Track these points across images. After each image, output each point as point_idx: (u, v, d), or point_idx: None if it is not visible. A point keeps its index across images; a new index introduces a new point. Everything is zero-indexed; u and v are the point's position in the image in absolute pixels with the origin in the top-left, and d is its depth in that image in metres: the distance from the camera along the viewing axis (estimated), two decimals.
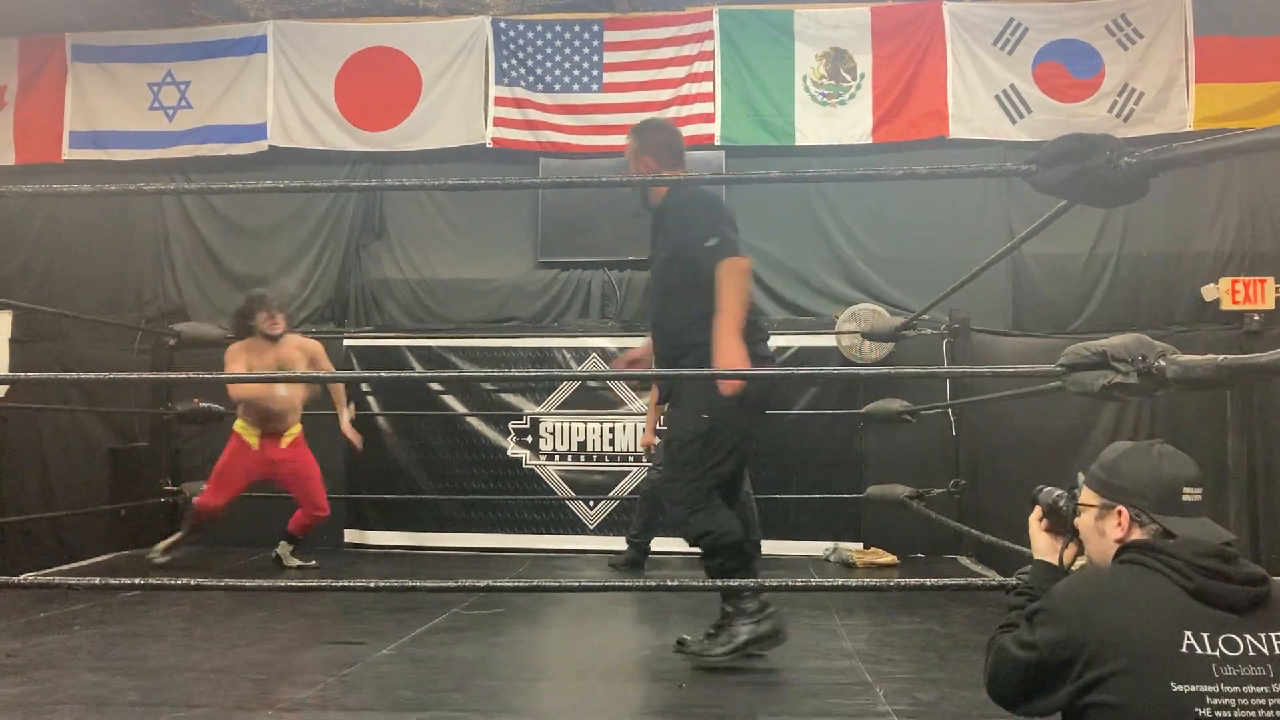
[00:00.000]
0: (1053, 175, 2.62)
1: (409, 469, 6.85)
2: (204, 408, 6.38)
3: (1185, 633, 1.69)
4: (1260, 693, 1.67)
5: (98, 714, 2.89)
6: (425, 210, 7.33)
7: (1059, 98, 6.82)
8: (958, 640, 4.01)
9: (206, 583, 3.12)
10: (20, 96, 7.50)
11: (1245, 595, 1.72)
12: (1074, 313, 6.80)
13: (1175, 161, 2.52)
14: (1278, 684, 1.67)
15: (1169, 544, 1.79)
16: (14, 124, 7.49)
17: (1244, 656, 1.68)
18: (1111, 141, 2.55)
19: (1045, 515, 2.17)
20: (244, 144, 7.28)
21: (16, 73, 7.51)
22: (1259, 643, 1.69)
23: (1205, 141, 2.52)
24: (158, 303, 7.36)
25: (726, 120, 7.00)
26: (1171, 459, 1.93)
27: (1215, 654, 1.67)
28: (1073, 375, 2.66)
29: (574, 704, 3.37)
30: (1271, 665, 1.68)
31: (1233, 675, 1.67)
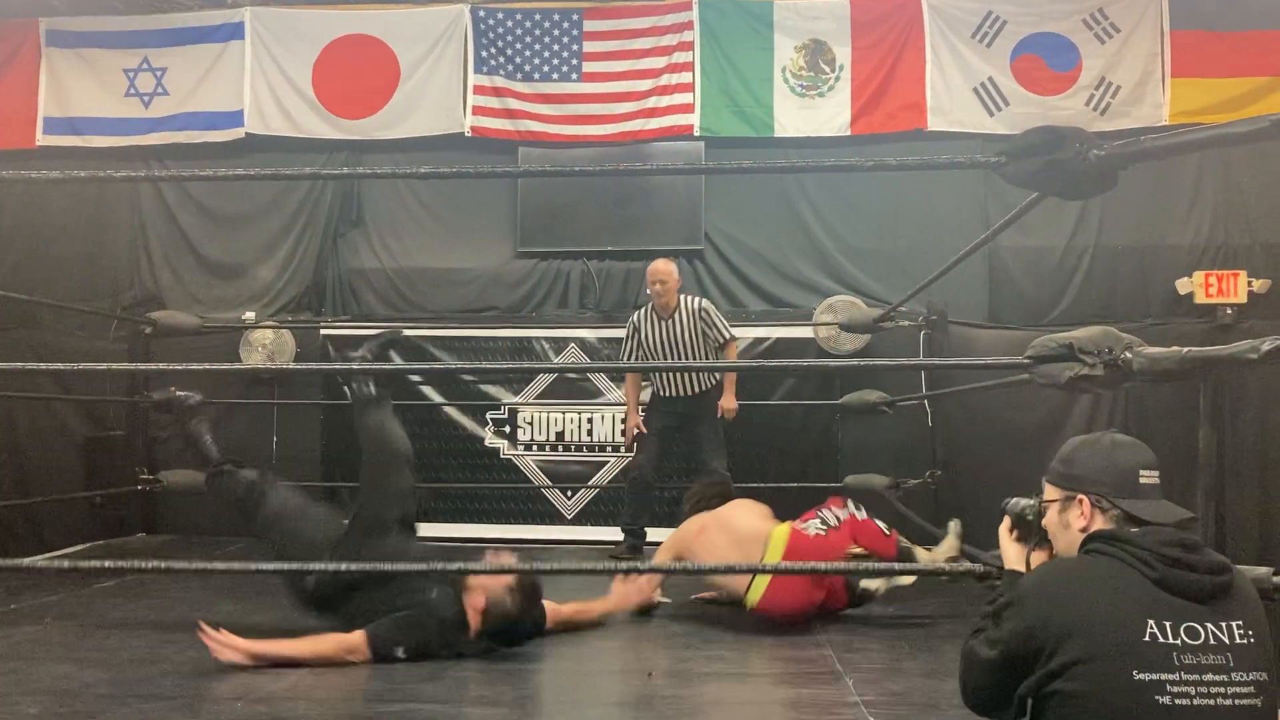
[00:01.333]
0: (1023, 168, 2.63)
1: None
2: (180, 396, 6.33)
3: (1148, 621, 1.72)
4: (1219, 680, 1.69)
5: (67, 706, 2.88)
6: (403, 199, 7.29)
7: (1037, 90, 6.84)
8: (930, 630, 4.04)
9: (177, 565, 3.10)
10: None
11: (1208, 584, 1.75)
12: (1050, 305, 6.83)
13: (1144, 155, 2.53)
14: (1237, 672, 1.70)
15: (1133, 533, 1.81)
16: None
17: (1204, 645, 1.70)
18: (1080, 134, 2.56)
19: (1014, 525, 2.18)
20: (221, 131, 7.22)
21: None
22: (1220, 631, 1.72)
23: (1173, 135, 2.54)
24: (134, 290, 7.29)
25: (706, 111, 6.99)
26: (1125, 446, 2.00)
27: (1176, 642, 1.70)
28: (1040, 367, 2.68)
29: (543, 693, 3.37)
30: (1231, 654, 1.70)
31: (1193, 664, 1.70)
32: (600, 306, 7.02)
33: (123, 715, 2.77)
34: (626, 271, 7.05)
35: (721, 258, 7.06)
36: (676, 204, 7.01)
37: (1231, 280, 6.53)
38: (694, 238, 7.00)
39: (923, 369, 6.44)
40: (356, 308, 7.19)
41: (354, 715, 2.93)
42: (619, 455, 6.77)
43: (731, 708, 2.97)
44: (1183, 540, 1.80)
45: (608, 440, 6.80)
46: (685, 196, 6.99)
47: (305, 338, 6.98)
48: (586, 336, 6.86)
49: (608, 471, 6.77)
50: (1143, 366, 2.52)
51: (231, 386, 6.86)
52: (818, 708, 2.93)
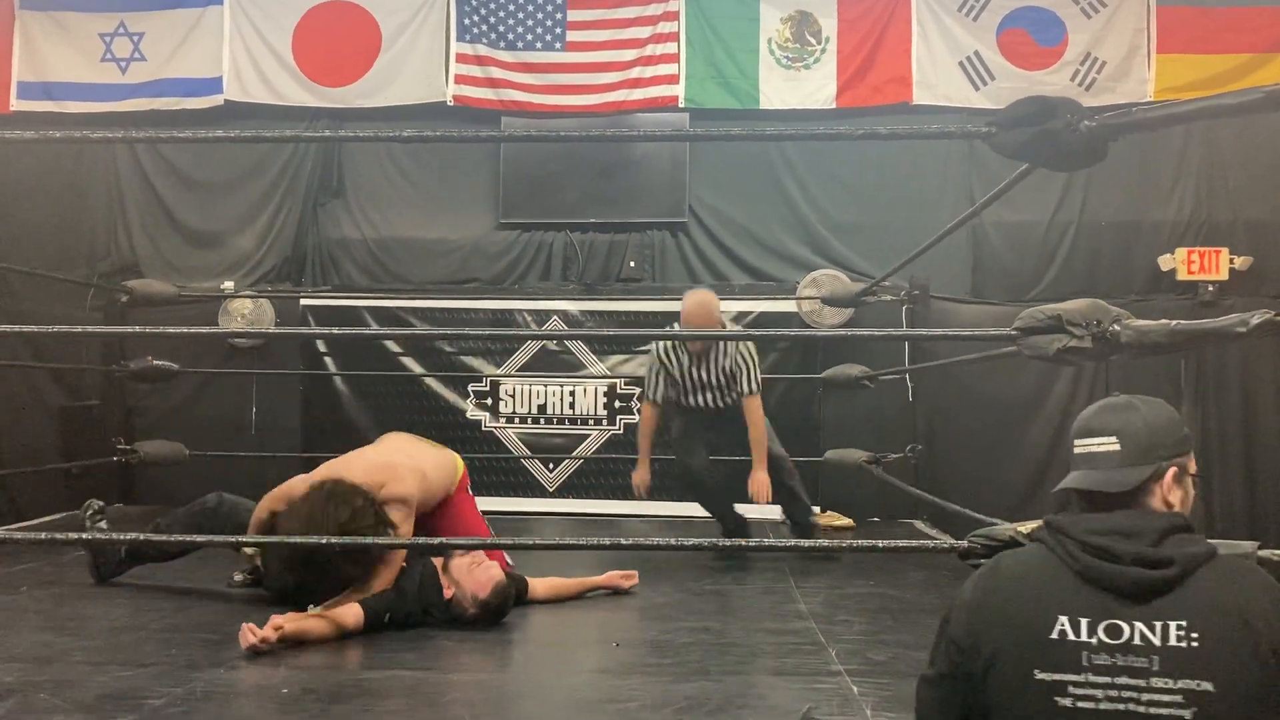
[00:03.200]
0: (1012, 138, 2.62)
1: (366, 430, 6.77)
2: (156, 365, 6.29)
3: (1060, 617, 1.56)
4: (1136, 685, 1.51)
5: (45, 673, 2.84)
6: (385, 169, 7.22)
7: (1022, 65, 6.83)
8: (911, 603, 4.05)
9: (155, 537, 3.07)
10: None
11: (1135, 578, 1.55)
12: (1033, 281, 6.85)
13: (1134, 126, 2.52)
14: (1161, 678, 1.50)
15: (1063, 519, 1.66)
16: None
17: (1126, 645, 1.52)
18: (1071, 105, 2.55)
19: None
20: (199, 98, 7.11)
21: None
22: (1150, 631, 1.52)
23: (1163, 106, 2.53)
24: (110, 259, 7.20)
25: (690, 82, 6.95)
26: (1084, 415, 1.78)
27: (1091, 641, 1.54)
28: (1028, 339, 2.68)
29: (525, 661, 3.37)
30: (1159, 657, 1.51)
31: (1106, 665, 1.52)
32: (583, 279, 6.98)
33: (101, 682, 2.75)
34: (610, 244, 7.01)
35: (705, 230, 7.03)
36: (660, 176, 6.97)
37: (1213, 257, 6.56)
38: (678, 210, 6.96)
39: (910, 341, 6.46)
40: (337, 278, 7.13)
41: (339, 682, 2.91)
42: (600, 428, 6.76)
43: (714, 677, 2.97)
44: (1122, 527, 1.60)
45: (590, 413, 6.78)
46: (669, 169, 6.95)
47: (285, 308, 6.91)
48: (569, 309, 6.83)
49: (590, 444, 6.76)
50: (1131, 339, 2.52)
51: (210, 357, 6.81)
52: (801, 677, 2.94)
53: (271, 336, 7.09)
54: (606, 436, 6.75)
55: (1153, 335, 2.53)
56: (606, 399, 6.79)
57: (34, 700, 2.58)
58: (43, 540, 3.61)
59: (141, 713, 2.49)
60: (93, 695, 2.63)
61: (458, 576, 3.49)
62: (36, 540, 3.62)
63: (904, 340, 6.52)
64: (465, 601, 3.47)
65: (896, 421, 6.50)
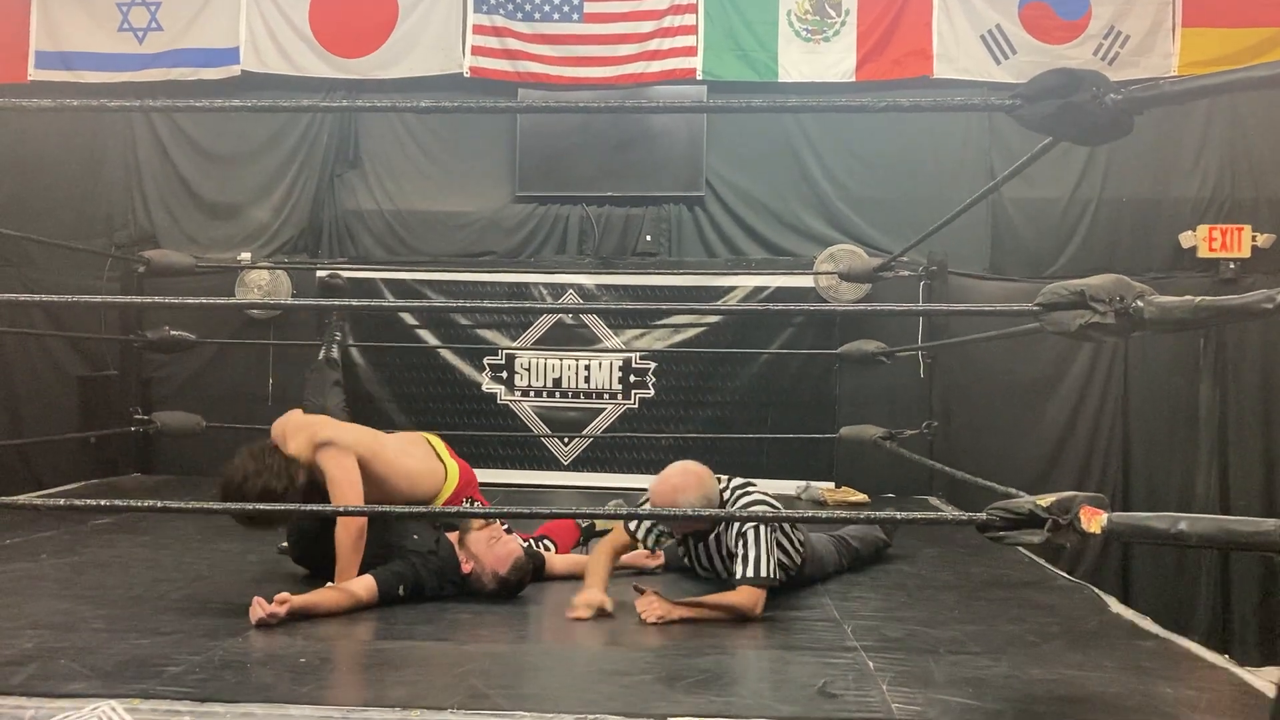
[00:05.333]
0: (1037, 110, 2.57)
1: (382, 402, 6.81)
2: (174, 336, 6.32)
3: None
4: None
5: (62, 640, 2.87)
6: (401, 141, 7.20)
7: (1044, 39, 6.75)
8: (926, 580, 4.05)
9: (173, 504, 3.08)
10: None
11: None
12: (1052, 257, 6.79)
13: (1162, 99, 2.49)
14: None
15: None
16: None
17: None
18: (1097, 77, 2.51)
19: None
20: (216, 69, 7.09)
21: None
22: None
23: (1192, 79, 2.48)
24: (128, 229, 7.21)
25: (709, 54, 6.89)
26: None
27: None
28: (1050, 315, 2.64)
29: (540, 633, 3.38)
30: None
31: None
32: (599, 252, 6.96)
33: (119, 650, 2.77)
34: (626, 217, 6.98)
35: (722, 204, 6.99)
36: (677, 149, 6.93)
37: (1236, 234, 6.49)
38: (695, 184, 6.92)
39: (931, 315, 6.42)
40: (353, 250, 7.12)
41: (354, 653, 2.93)
42: (615, 402, 6.75)
43: (730, 651, 2.97)
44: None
45: (605, 387, 6.78)
46: (686, 142, 6.91)
47: (301, 279, 6.92)
48: (585, 282, 6.81)
49: (605, 418, 6.76)
50: (1154, 315, 2.49)
51: (227, 327, 6.83)
52: (817, 651, 2.94)
53: (288, 308, 7.10)
54: (621, 410, 6.75)
55: (1176, 312, 2.49)
56: (621, 373, 6.78)
57: (54, 666, 2.60)
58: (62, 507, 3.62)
59: (160, 680, 2.50)
60: (112, 662, 2.65)
61: (476, 551, 3.50)
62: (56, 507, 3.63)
63: (921, 317, 6.47)
64: (484, 577, 3.48)
65: (912, 398, 6.47)
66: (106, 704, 2.32)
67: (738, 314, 7.00)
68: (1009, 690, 2.62)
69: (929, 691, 2.57)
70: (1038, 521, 2.46)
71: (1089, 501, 2.44)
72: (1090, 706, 2.54)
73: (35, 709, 2.33)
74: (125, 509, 2.96)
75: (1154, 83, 2.53)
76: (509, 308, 6.90)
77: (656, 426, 6.67)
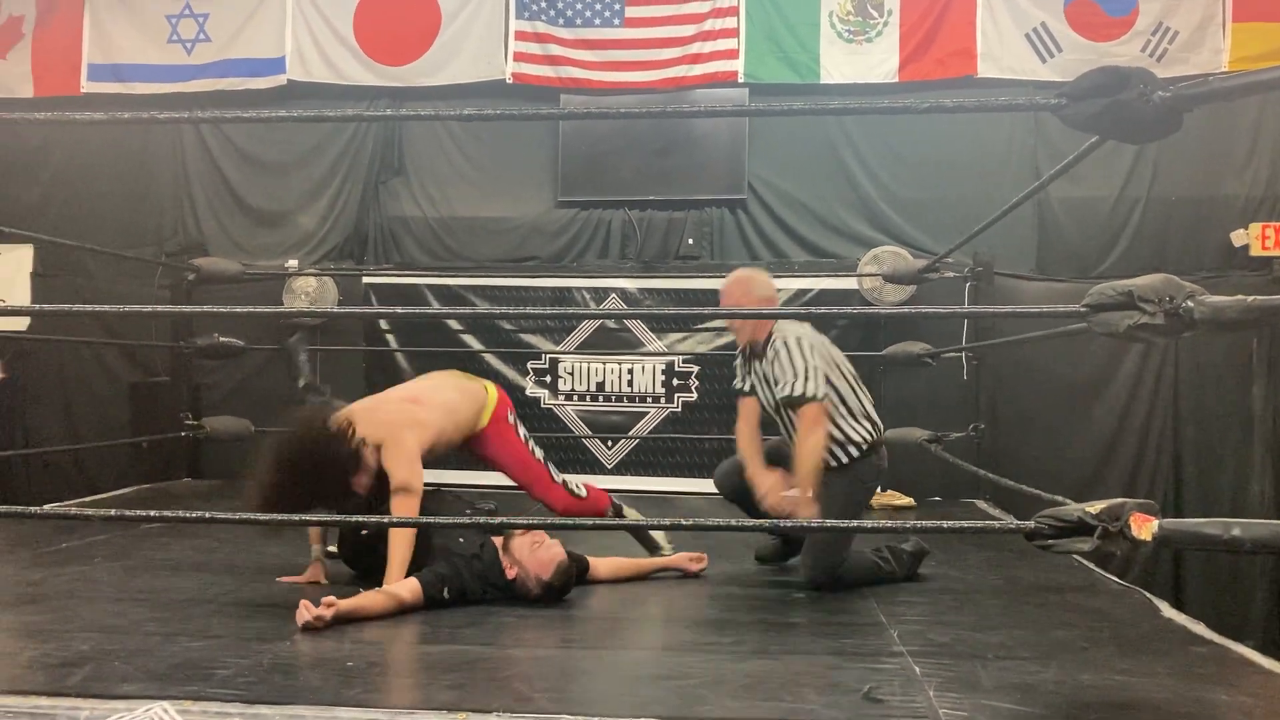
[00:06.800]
0: (1083, 109, 2.54)
1: None
2: (223, 343, 6.41)
3: None
4: None
5: (117, 642, 2.91)
6: (444, 147, 7.26)
7: (1091, 36, 6.67)
8: (973, 585, 4.01)
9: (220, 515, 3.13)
10: (38, 28, 7.42)
11: None
12: (1099, 257, 6.71)
13: (1211, 96, 2.44)
14: None
15: None
16: (31, 56, 7.42)
17: None
18: (1144, 75, 2.47)
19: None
20: (262, 78, 7.20)
21: (34, 4, 7.43)
22: None
23: (1242, 75, 2.44)
24: (178, 237, 7.34)
25: (750, 57, 6.88)
26: None
27: None
28: (1098, 316, 2.60)
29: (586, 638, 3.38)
30: None
31: None
32: (641, 256, 6.97)
33: (172, 652, 2.81)
34: (668, 221, 6.99)
35: (764, 207, 6.97)
36: (719, 153, 6.92)
37: None
38: (737, 187, 6.91)
39: (978, 317, 6.37)
40: (398, 256, 7.19)
41: (401, 657, 2.95)
42: (658, 406, 6.76)
43: (775, 656, 2.96)
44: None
45: (648, 391, 6.78)
46: (728, 145, 6.90)
47: (348, 285, 7.00)
48: (627, 287, 6.82)
49: (648, 422, 6.76)
50: (1205, 316, 2.44)
51: (274, 334, 6.91)
52: (863, 656, 2.91)
53: (333, 316, 7.18)
54: (664, 414, 6.75)
55: (1228, 312, 2.45)
56: (665, 376, 6.78)
57: (108, 668, 2.65)
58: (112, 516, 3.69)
59: (210, 683, 2.54)
60: (164, 664, 2.69)
61: (519, 557, 3.51)
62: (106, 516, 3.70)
63: (966, 319, 6.42)
64: (529, 582, 3.49)
65: (958, 400, 6.42)
66: (159, 705, 2.35)
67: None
68: (1058, 696, 2.58)
69: (976, 697, 2.54)
70: (1087, 529, 2.42)
71: (1139, 508, 2.40)
72: (1141, 713, 2.50)
73: (90, 710, 2.37)
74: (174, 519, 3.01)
75: (1203, 79, 2.48)
76: (552, 313, 6.92)
77: (700, 429, 6.67)
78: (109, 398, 7.16)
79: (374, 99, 7.14)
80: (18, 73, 7.42)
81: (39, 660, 2.76)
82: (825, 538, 3.81)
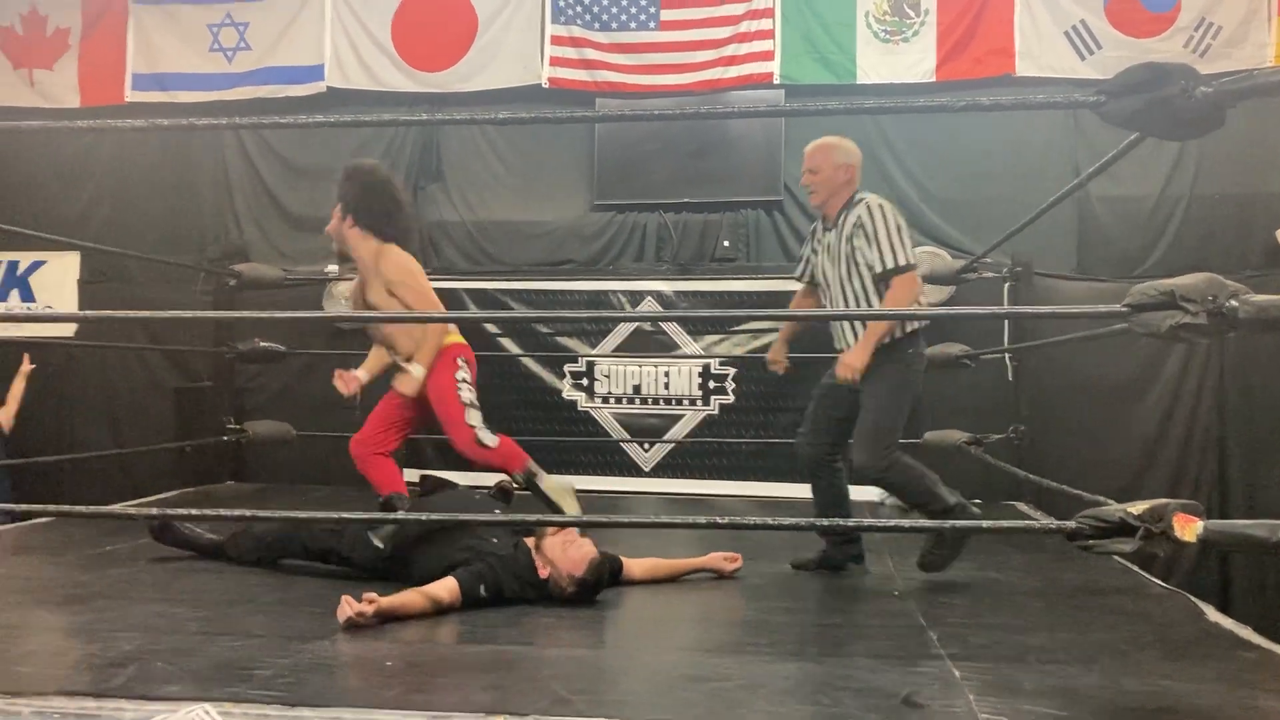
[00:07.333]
0: (1123, 106, 2.51)
1: None
2: (264, 347, 6.48)
3: None
4: None
5: (162, 642, 2.95)
6: (481, 153, 7.31)
7: (1132, 33, 6.59)
8: (1013, 586, 3.97)
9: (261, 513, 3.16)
10: (84, 39, 7.56)
11: None
12: (1141, 256, 6.62)
13: (1255, 91, 2.40)
14: None
15: None
16: (78, 66, 7.56)
17: None
18: (1186, 70, 2.44)
19: None
20: (302, 85, 7.29)
21: (80, 15, 7.57)
22: None
23: None
24: (219, 244, 7.43)
25: (786, 58, 6.87)
26: None
27: None
28: (1139, 316, 2.56)
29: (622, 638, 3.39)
30: None
31: None
32: (677, 259, 6.97)
33: (213, 652, 2.84)
34: (704, 224, 6.98)
35: (801, 208, 6.94)
36: (755, 154, 6.91)
37: None
38: (773, 188, 6.90)
39: (1017, 318, 6.30)
40: (437, 260, 7.24)
41: (440, 656, 2.97)
42: (695, 408, 6.75)
43: (812, 658, 2.95)
44: None
45: (684, 394, 6.78)
46: (764, 146, 6.89)
47: None
48: (663, 289, 6.83)
49: (685, 425, 6.76)
50: (1249, 315, 2.40)
51: (316, 338, 6.98)
52: (901, 660, 2.89)
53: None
54: (701, 417, 6.75)
55: (1272, 311, 2.40)
56: (701, 379, 6.77)
57: (151, 669, 2.68)
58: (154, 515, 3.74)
59: (251, 683, 2.56)
60: (207, 665, 2.72)
61: (552, 556, 3.52)
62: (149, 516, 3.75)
63: (1005, 319, 6.35)
64: (562, 581, 3.51)
65: (997, 402, 6.36)
66: (200, 707, 2.38)
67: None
68: (1101, 701, 2.55)
69: (1017, 701, 2.51)
70: (1129, 530, 2.39)
71: (1183, 509, 2.37)
72: (1186, 719, 2.47)
73: (134, 711, 2.40)
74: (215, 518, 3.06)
75: (1247, 74, 2.45)
76: (586, 316, 6.94)
77: (737, 432, 6.65)
78: (153, 402, 7.26)
79: (411, 105, 7.19)
80: (65, 83, 7.56)
81: (85, 660, 2.81)
82: (873, 424, 3.85)
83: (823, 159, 4.06)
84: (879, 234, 3.90)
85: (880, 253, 3.88)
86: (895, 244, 3.88)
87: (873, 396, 3.86)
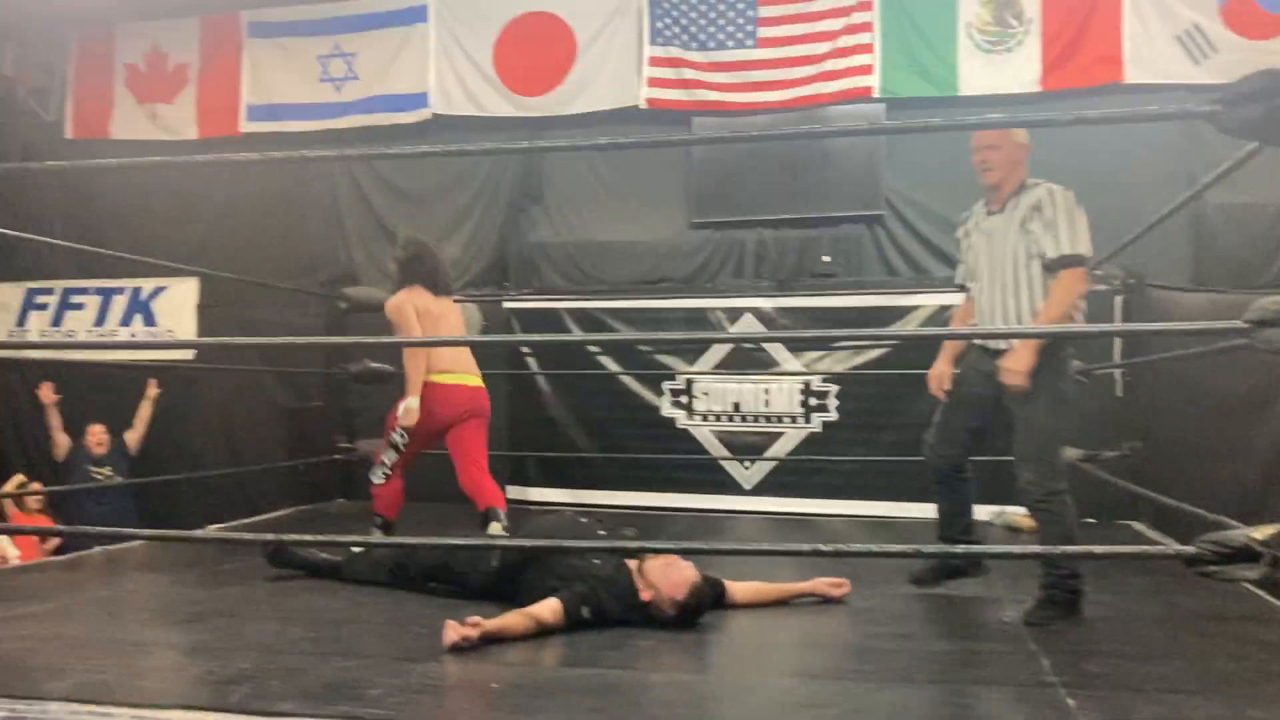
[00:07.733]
0: (1240, 115, 2.43)
1: (566, 427, 6.98)
2: (373, 368, 6.64)
3: None
4: None
5: (276, 661, 3.04)
6: (580, 174, 7.40)
7: (1248, 34, 6.34)
8: (1131, 612, 3.84)
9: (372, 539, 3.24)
10: (202, 73, 7.90)
11: None
12: (1263, 267, 6.34)
13: None
14: None
15: None
16: (196, 100, 7.90)
17: None
18: None
19: None
20: (408, 113, 7.48)
21: (199, 51, 7.91)
22: None
23: None
24: (330, 268, 7.66)
25: (886, 72, 6.79)
26: None
27: None
28: (1262, 332, 2.47)
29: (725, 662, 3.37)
30: None
31: None
32: (776, 276, 6.94)
33: (327, 671, 2.91)
34: (803, 239, 6.94)
35: (903, 222, 6.86)
36: (855, 168, 6.84)
37: None
38: (874, 202, 6.82)
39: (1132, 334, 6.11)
40: (538, 281, 7.34)
41: (542, 680, 3.00)
42: (796, 426, 6.69)
43: (918, 685, 2.89)
44: None
45: (785, 411, 6.72)
46: (864, 160, 6.82)
47: (490, 311, 7.17)
48: (762, 306, 6.80)
49: (785, 443, 6.70)
50: None
51: None
52: (1011, 687, 2.82)
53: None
54: (803, 435, 6.68)
55: None
56: (802, 396, 6.71)
57: (266, 687, 2.76)
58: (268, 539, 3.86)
59: (362, 703, 2.62)
60: (318, 684, 2.79)
61: (653, 579, 3.53)
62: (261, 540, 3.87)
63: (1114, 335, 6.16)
64: (663, 604, 3.51)
65: (1110, 417, 6.16)
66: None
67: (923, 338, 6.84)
68: None
69: None
70: (1253, 555, 2.30)
71: None
72: None
73: None
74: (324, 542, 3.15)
75: None
76: (682, 338, 6.96)
77: (840, 450, 6.56)
78: (267, 422, 7.50)
79: (513, 129, 7.31)
80: (184, 116, 7.90)
81: (204, 677, 2.91)
82: (1041, 439, 3.60)
83: (1004, 136, 3.91)
84: (1060, 219, 3.73)
85: (1057, 239, 3.69)
86: (1076, 231, 3.70)
87: (1033, 407, 3.60)
